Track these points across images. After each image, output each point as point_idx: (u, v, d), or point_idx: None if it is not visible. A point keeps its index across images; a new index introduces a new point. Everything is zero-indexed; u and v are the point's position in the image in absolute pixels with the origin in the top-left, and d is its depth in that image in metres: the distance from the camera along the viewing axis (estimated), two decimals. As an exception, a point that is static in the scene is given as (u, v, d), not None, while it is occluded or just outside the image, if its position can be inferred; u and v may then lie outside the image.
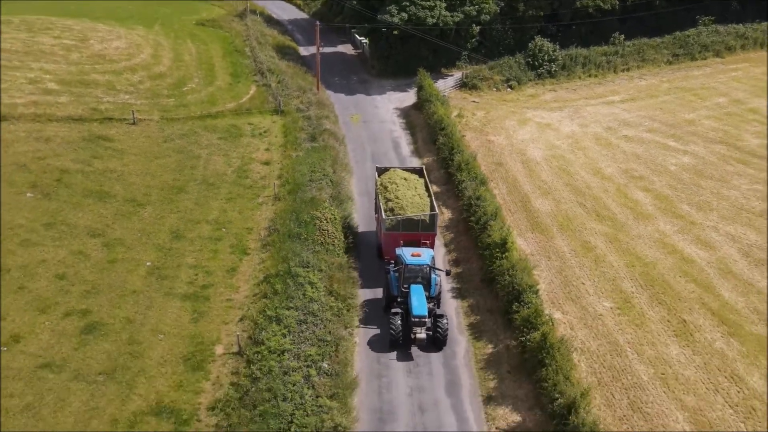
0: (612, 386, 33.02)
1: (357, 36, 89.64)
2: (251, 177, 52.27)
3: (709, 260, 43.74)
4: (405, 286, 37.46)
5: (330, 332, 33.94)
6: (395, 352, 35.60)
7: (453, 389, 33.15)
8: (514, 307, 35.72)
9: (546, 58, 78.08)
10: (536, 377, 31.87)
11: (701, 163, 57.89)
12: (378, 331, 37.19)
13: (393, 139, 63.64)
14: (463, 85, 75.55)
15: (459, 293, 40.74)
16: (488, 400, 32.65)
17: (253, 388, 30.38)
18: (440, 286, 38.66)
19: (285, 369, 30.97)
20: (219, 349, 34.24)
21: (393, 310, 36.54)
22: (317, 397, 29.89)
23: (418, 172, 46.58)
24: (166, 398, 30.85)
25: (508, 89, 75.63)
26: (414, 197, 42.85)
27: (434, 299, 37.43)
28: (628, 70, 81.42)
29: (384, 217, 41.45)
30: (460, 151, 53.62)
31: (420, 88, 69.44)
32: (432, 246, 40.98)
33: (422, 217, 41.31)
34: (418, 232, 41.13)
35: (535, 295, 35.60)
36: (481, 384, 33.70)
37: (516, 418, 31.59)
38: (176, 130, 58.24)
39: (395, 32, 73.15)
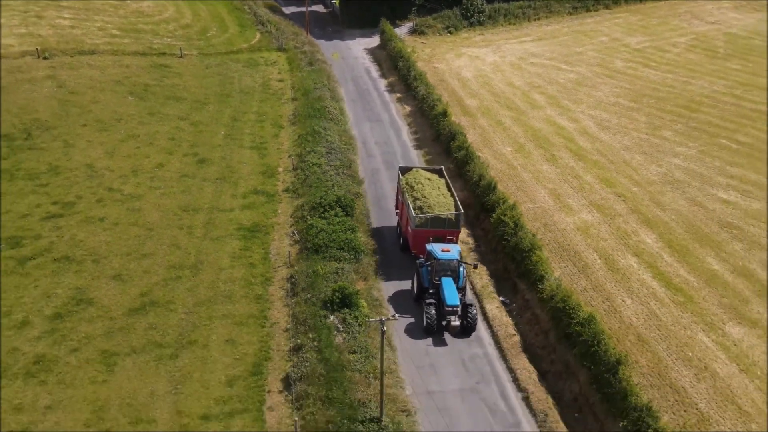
0: (507, 182, 58.05)
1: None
2: (272, 88, 76.01)
3: (575, 128, 69.22)
4: (436, 278, 41.47)
5: (346, 157, 58.40)
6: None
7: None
8: (451, 143, 60.70)
9: (476, 10, 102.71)
10: (463, 173, 56.91)
11: (581, 78, 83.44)
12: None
13: (365, 68, 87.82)
14: (414, 31, 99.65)
15: (418, 146, 65.63)
16: (437, 188, 57.74)
17: (306, 180, 54.71)
18: (466, 278, 43.05)
19: (323, 171, 55.30)
20: (280, 169, 58.44)
21: (427, 301, 40.66)
22: (343, 181, 54.34)
23: (438, 172, 51.19)
24: (258, 187, 55.03)
25: (448, 34, 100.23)
26: (439, 197, 46.88)
27: (462, 290, 41.75)
28: (538, 19, 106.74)
29: (414, 215, 44.90)
30: (415, 69, 78.26)
31: (383, 32, 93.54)
32: (456, 241, 45.57)
33: (449, 216, 45.43)
34: (445, 229, 45.16)
35: (463, 136, 60.68)
36: (433, 183, 58.79)
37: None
38: (212, 62, 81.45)
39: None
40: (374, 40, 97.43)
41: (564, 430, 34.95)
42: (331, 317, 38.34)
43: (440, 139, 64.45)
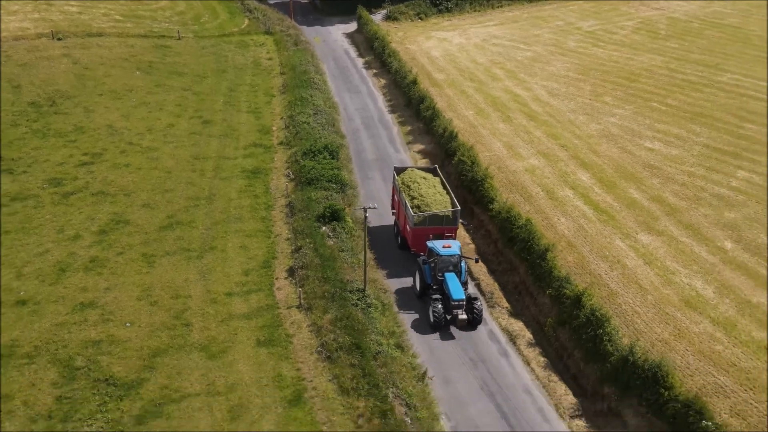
0: (467, 137, 67.92)
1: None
2: (263, 65, 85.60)
3: (529, 96, 79.53)
4: (440, 274, 42.68)
5: (331, 117, 68.26)
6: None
7: (392, 141, 68.13)
8: (420, 106, 70.76)
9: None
10: (430, 129, 66.95)
11: (537, 56, 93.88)
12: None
13: (344, 49, 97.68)
14: (388, 18, 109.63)
15: (392, 110, 75.67)
16: (409, 142, 67.78)
17: (297, 134, 64.39)
18: (467, 272, 44.59)
19: (312, 127, 65.01)
20: (274, 128, 68.08)
21: (434, 297, 41.79)
22: (329, 135, 64.10)
23: (432, 171, 53.10)
24: (256, 141, 64.61)
25: (419, 20, 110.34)
26: (435, 195, 48.34)
27: (464, 284, 43.06)
28: (501, 6, 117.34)
29: (412, 213, 46.11)
30: (389, 48, 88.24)
31: (359, 18, 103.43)
32: (455, 237, 46.94)
33: (446, 213, 46.80)
34: (442, 226, 46.49)
35: (431, 99, 70.76)
36: (404, 137, 68.79)
37: (422, 146, 66.85)
38: (206, 43, 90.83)
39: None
40: (351, 26, 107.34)
41: (506, 305, 45.08)
42: (324, 228, 48.18)
43: (411, 104, 74.47)
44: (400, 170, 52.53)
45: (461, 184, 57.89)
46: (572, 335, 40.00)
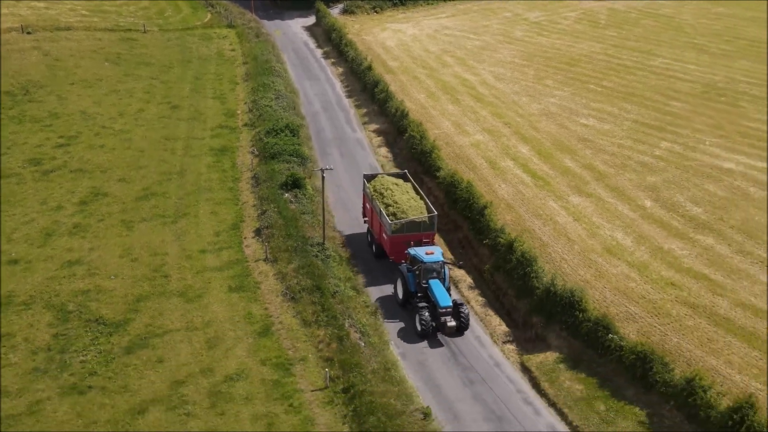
0: (418, 117, 73.68)
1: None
2: (226, 56, 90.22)
3: (476, 80, 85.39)
4: (424, 282, 42.28)
5: (292, 101, 73.30)
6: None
7: (348, 122, 73.43)
8: (375, 89, 76.16)
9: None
10: (384, 110, 72.40)
11: (485, 44, 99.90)
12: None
13: (303, 41, 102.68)
14: (345, 11, 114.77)
15: (349, 95, 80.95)
16: (365, 123, 73.17)
17: (261, 116, 69.30)
18: (449, 277, 44.56)
19: (274, 110, 69.99)
20: (239, 111, 72.87)
21: (420, 305, 41.13)
22: (290, 116, 69.14)
23: (402, 176, 52.45)
24: (222, 124, 69.37)
25: (375, 13, 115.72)
26: (410, 200, 48.08)
27: (447, 289, 42.91)
28: (453, 0, 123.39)
29: (389, 221, 45.39)
30: (345, 38, 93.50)
31: (317, 11, 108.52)
32: (432, 242, 46.92)
33: (424, 219, 46.56)
34: (420, 232, 46.17)
35: (384, 83, 76.19)
36: (360, 119, 74.16)
37: (376, 126, 72.26)
38: (171, 36, 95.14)
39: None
40: (310, 20, 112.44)
41: (450, 257, 50.74)
42: (286, 194, 53.34)
43: (366, 89, 79.86)
44: (370, 177, 51.67)
45: (412, 157, 63.42)
46: (506, 277, 45.73)
